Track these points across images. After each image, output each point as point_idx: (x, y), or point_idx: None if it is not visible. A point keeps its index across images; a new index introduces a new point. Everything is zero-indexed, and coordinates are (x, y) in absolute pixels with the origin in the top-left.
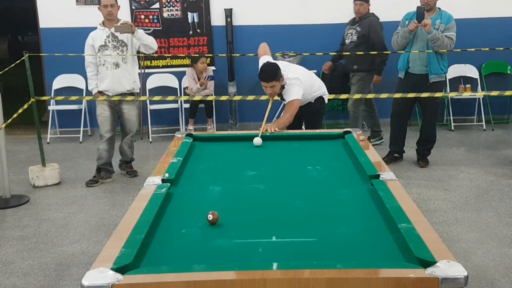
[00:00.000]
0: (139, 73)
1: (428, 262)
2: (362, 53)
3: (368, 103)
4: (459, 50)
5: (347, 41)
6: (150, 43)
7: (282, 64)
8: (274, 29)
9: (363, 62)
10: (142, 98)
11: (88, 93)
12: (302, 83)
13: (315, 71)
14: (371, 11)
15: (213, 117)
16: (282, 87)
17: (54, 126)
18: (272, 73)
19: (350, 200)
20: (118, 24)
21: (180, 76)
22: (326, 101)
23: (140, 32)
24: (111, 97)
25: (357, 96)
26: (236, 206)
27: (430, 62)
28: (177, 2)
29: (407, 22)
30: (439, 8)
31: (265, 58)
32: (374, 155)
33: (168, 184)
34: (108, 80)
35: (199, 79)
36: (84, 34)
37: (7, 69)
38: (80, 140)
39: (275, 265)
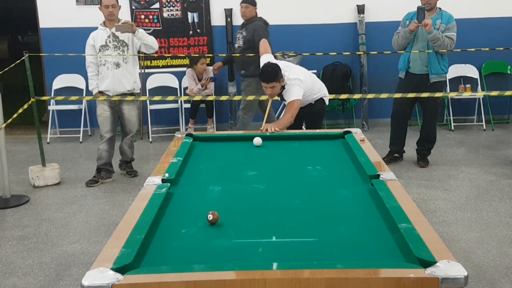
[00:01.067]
0: (139, 73)
1: (428, 262)
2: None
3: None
4: (459, 50)
5: (236, 46)
6: (151, 43)
7: (283, 64)
8: (274, 29)
9: (249, 68)
10: (142, 98)
11: (88, 93)
12: (303, 83)
13: (315, 71)
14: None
15: (213, 117)
16: (283, 87)
17: (54, 126)
18: (272, 74)
19: (350, 200)
20: (119, 23)
21: (180, 76)
22: (327, 103)
23: (141, 31)
24: (111, 97)
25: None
26: (236, 206)
27: (431, 62)
28: (177, 2)
29: (407, 22)
30: (440, 8)
31: (266, 57)
32: (374, 155)
33: (168, 184)
34: (109, 80)
35: (199, 80)
36: (84, 34)
37: (7, 69)
38: (80, 140)
39: (275, 265)
